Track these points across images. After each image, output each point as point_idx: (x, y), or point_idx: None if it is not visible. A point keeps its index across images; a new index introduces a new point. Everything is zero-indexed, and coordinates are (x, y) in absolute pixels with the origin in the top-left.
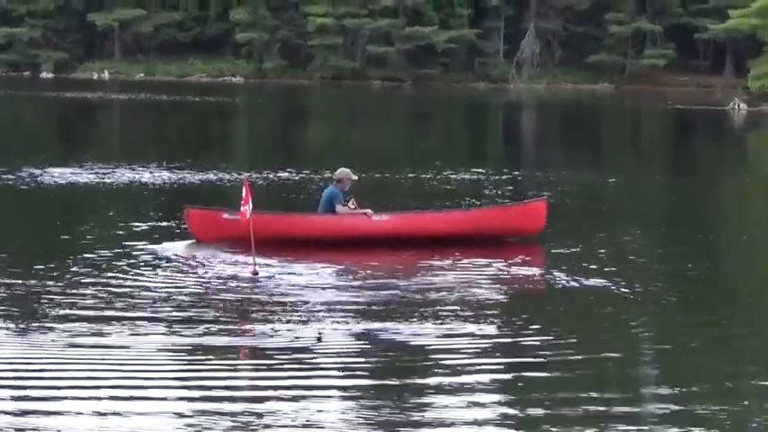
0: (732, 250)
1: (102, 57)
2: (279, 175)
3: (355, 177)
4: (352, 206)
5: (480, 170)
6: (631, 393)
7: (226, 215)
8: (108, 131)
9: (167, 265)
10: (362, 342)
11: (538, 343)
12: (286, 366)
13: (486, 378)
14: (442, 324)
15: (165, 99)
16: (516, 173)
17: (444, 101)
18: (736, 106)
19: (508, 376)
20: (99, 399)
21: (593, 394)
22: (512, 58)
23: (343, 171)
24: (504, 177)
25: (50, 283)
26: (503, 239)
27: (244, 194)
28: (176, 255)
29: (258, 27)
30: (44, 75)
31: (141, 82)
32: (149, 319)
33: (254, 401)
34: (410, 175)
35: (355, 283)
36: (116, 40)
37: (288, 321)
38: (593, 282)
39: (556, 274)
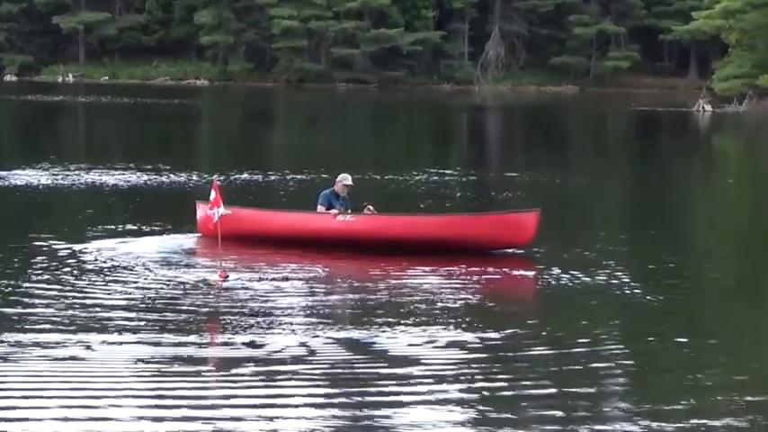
0: (702, 250)
1: (67, 60)
2: (243, 176)
3: (350, 183)
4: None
5: (445, 171)
6: (610, 399)
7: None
8: (72, 134)
9: (130, 269)
10: (334, 350)
11: (516, 350)
12: (254, 375)
13: (463, 386)
14: (416, 331)
15: (129, 102)
16: (481, 175)
17: (409, 103)
18: (701, 108)
19: (484, 384)
20: (58, 410)
21: (574, 401)
22: (476, 60)
23: (340, 175)
24: (468, 179)
25: (7, 290)
26: (482, 251)
27: (212, 197)
28: (141, 258)
29: (223, 30)
30: (8, 78)
31: (106, 85)
32: (111, 328)
33: (222, 411)
34: (374, 176)
35: (326, 289)
36: (80, 44)
37: (255, 328)
38: (571, 285)
39: (533, 278)
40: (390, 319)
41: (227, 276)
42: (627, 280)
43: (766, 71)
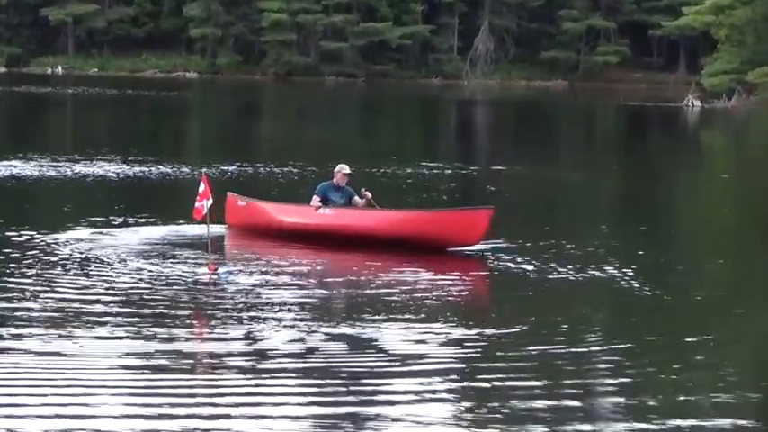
0: (692, 245)
1: (56, 52)
2: (231, 169)
3: (348, 171)
4: (361, 201)
5: (432, 165)
6: (603, 397)
7: (240, 201)
8: (60, 126)
9: (117, 261)
10: (324, 344)
11: (507, 346)
12: (243, 370)
13: (456, 382)
14: (408, 326)
15: (118, 94)
16: (469, 169)
17: (398, 97)
18: (690, 103)
19: (476, 380)
20: (41, 405)
21: (558, 398)
22: (465, 54)
23: (338, 166)
24: (456, 173)
25: None
26: (440, 247)
27: (201, 190)
28: (128, 250)
29: (212, 22)
30: None
31: (95, 77)
32: (96, 322)
33: (210, 407)
34: (363, 169)
35: (316, 283)
36: (69, 36)
37: (244, 322)
38: (560, 280)
39: (523, 273)
40: (382, 315)
41: (217, 269)
42: (617, 275)
43: (755, 67)
